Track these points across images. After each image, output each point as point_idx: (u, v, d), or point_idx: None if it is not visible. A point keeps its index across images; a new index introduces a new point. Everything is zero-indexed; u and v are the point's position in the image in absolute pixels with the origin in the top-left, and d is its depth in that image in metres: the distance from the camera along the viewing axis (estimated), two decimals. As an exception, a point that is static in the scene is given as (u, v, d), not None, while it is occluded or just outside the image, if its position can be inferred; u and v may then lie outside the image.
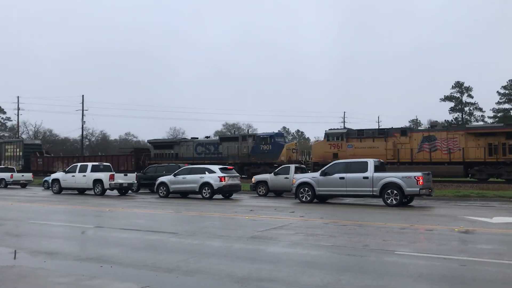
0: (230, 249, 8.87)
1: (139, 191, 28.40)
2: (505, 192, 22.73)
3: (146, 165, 36.97)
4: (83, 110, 62.31)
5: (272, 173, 25.05)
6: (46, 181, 32.08)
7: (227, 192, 23.02)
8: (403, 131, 31.39)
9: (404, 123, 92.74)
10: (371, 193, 17.87)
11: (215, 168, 23.08)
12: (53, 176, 28.21)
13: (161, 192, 23.66)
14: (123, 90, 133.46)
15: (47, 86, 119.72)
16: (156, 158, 40.09)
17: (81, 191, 27.11)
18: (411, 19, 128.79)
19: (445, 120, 77.92)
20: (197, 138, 41.79)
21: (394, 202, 17.22)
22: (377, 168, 18.38)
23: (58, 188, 26.95)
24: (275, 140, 36.05)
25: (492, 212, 15.25)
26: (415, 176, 17.22)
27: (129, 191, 26.93)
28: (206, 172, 22.61)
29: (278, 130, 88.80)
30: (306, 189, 19.35)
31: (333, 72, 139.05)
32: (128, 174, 26.95)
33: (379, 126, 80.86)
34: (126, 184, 25.65)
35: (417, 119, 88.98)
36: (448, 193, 23.13)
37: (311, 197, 19.21)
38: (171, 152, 40.26)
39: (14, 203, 20.05)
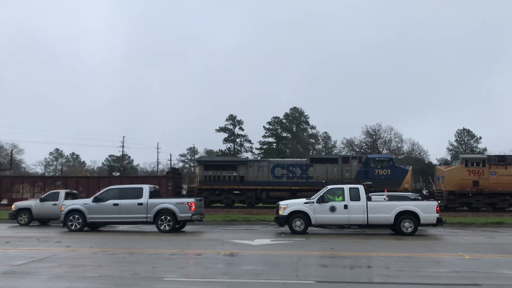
0: (-27, 290, 7.54)
1: None
2: (266, 216, 25.37)
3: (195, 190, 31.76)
4: None
5: (38, 199, 22.66)
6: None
7: None
8: None
9: (182, 150, 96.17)
10: (145, 220, 17.73)
11: None
12: None
13: None
14: None
15: None
16: (210, 182, 31.91)
17: None
18: (192, 52, 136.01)
19: (219, 149, 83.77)
20: (267, 158, 32.33)
21: (167, 228, 17.41)
22: (153, 194, 18.40)
23: None
24: (394, 164, 31.06)
25: (254, 234, 16.78)
26: (188, 202, 17.80)
27: None
28: None
29: (50, 152, 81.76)
30: (76, 216, 18.04)
31: (114, 97, 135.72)
32: None
33: (158, 153, 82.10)
34: None
35: (194, 147, 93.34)
36: (218, 218, 24.62)
37: (82, 225, 17.99)
38: (232, 174, 32.10)
39: None
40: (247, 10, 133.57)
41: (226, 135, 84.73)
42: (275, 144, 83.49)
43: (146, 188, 18.34)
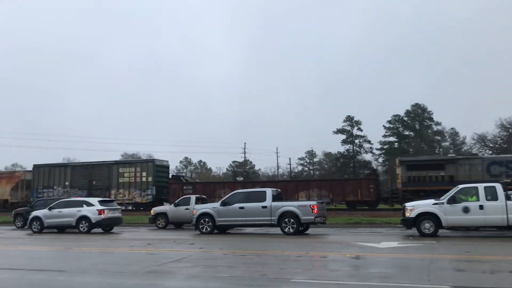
0: (124, 286, 8.42)
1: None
2: (391, 218, 24.47)
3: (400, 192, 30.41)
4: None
5: (172, 204, 24.55)
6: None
7: (107, 226, 22.28)
8: None
9: (300, 154, 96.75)
10: (269, 222, 18.23)
11: (94, 200, 22.51)
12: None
13: (34, 227, 22.26)
14: (11, 117, 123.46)
15: None
16: (414, 183, 30.03)
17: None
18: (308, 55, 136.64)
19: (338, 151, 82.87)
20: (476, 154, 31.00)
21: (291, 230, 17.70)
22: (275, 198, 18.87)
23: None
24: None
25: (380, 237, 16.29)
26: (310, 205, 17.95)
27: None
28: (84, 205, 21.91)
29: (180, 161, 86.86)
30: (207, 220, 19.19)
31: (235, 105, 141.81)
32: None
33: (278, 157, 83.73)
34: None
35: (312, 151, 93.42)
36: (340, 221, 24.35)
37: (211, 228, 19.09)
38: (440, 174, 29.91)
39: None
40: (363, 5, 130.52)
41: (344, 136, 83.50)
42: (396, 143, 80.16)
43: (269, 191, 18.89)
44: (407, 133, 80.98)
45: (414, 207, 16.37)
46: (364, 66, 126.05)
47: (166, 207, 24.84)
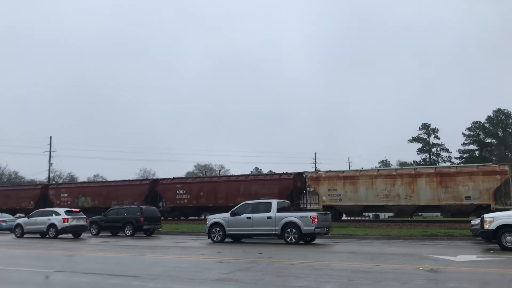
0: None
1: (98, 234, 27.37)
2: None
3: None
4: (50, 152, 61.08)
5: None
6: None
7: (73, 232, 25.30)
8: None
9: (374, 164, 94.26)
10: (274, 232, 18.55)
11: (61, 210, 25.83)
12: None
13: (17, 233, 25.93)
14: (90, 130, 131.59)
15: (6, 124, 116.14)
16: None
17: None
18: (383, 64, 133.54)
19: (413, 160, 79.74)
20: None
21: (293, 240, 17.98)
22: (282, 209, 19.19)
23: None
24: None
25: (457, 250, 15.44)
26: (310, 216, 18.12)
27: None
28: (53, 215, 25.23)
29: (251, 171, 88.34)
30: (218, 229, 19.68)
31: (308, 113, 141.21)
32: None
33: (350, 167, 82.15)
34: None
35: (386, 160, 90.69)
36: (415, 233, 23.37)
37: (222, 237, 19.61)
38: None
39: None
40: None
41: (420, 145, 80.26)
42: (477, 151, 75.78)
43: (275, 202, 19.37)
44: (489, 140, 76.35)
45: (494, 218, 15.35)
46: (444, 72, 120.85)
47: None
